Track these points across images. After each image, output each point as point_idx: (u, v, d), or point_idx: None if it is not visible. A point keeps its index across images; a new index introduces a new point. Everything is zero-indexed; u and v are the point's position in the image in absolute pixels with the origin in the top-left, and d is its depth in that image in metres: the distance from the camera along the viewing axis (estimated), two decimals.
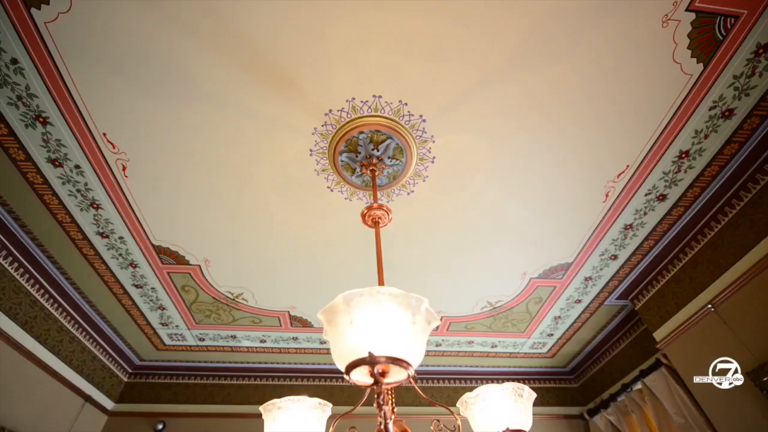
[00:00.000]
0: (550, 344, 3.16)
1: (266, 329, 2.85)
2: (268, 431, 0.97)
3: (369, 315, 0.63)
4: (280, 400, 0.97)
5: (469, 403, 0.96)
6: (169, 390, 3.24)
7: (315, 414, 0.99)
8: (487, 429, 0.89)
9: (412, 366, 0.65)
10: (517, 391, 0.91)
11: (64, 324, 2.59)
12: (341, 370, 0.67)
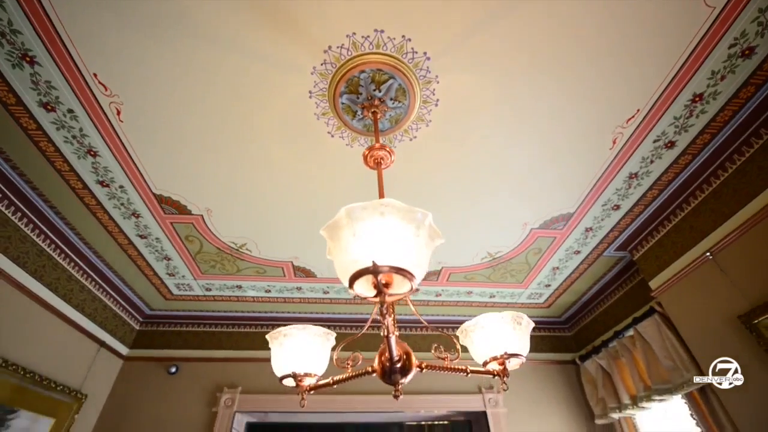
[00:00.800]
0: (546, 295, 3.25)
1: (270, 279, 2.92)
2: (274, 357, 1.01)
3: (372, 227, 0.63)
4: (285, 328, 1.01)
5: (469, 331, 0.99)
6: (179, 337, 3.38)
7: (319, 341, 1.03)
8: (486, 354, 0.93)
9: (415, 278, 0.66)
10: (515, 319, 0.94)
11: (73, 273, 2.65)
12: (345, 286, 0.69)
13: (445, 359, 1.00)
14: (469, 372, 1.01)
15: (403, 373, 0.92)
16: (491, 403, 3.10)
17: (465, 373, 1.01)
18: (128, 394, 3.04)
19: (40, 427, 2.40)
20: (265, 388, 3.11)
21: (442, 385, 3.20)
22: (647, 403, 2.51)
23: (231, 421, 2.92)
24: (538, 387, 3.29)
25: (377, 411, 3.06)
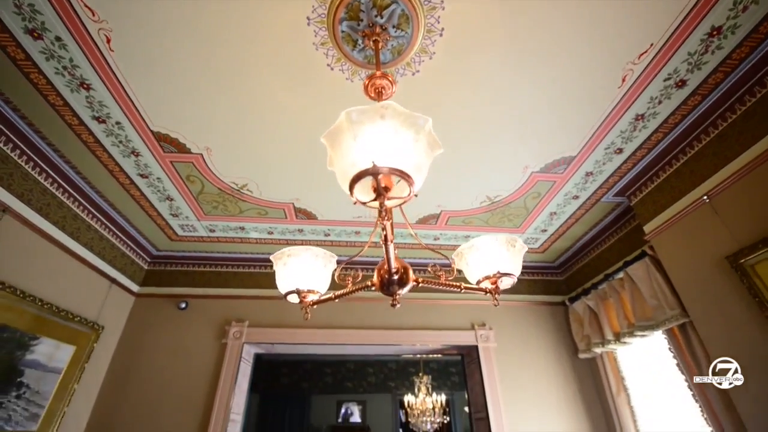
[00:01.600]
0: (542, 240, 3.33)
1: (272, 221, 2.98)
2: (279, 276, 1.06)
3: (372, 130, 0.64)
4: (289, 249, 1.06)
5: (464, 254, 1.04)
6: (187, 276, 3.52)
7: (321, 262, 1.08)
8: (480, 273, 0.98)
9: (414, 182, 0.68)
10: (509, 242, 0.98)
11: (78, 213, 2.69)
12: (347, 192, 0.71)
13: (441, 276, 1.06)
14: (463, 288, 1.07)
15: (400, 285, 0.98)
16: (483, 339, 3.31)
17: (459, 289, 1.08)
18: (142, 327, 3.23)
19: (63, 354, 2.58)
20: (270, 322, 3.30)
21: (438, 322, 3.40)
22: (629, 338, 2.68)
23: (240, 351, 3.13)
24: (528, 326, 3.49)
25: (377, 344, 3.27)
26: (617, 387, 2.87)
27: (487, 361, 3.21)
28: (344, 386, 8.26)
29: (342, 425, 7.81)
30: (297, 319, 3.34)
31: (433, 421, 5.61)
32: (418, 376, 6.14)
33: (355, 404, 8.13)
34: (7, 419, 2.19)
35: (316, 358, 8.12)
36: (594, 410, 3.11)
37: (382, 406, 8.12)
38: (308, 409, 7.98)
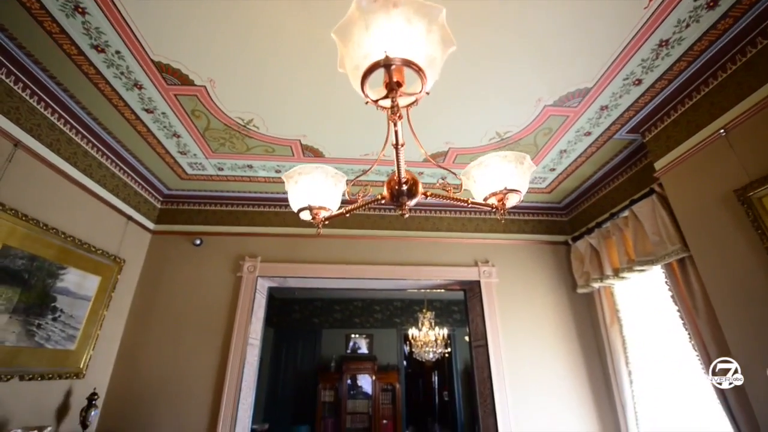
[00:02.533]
0: (550, 179, 3.31)
1: (280, 159, 2.98)
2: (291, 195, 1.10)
3: (384, 19, 0.62)
4: (300, 167, 1.08)
5: (472, 172, 1.05)
6: (199, 215, 3.62)
7: (332, 181, 1.11)
8: (486, 190, 1.00)
9: (427, 78, 0.68)
10: (518, 159, 0.99)
11: (88, 150, 2.71)
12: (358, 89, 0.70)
13: (449, 190, 1.09)
14: (470, 203, 1.10)
15: (409, 196, 1.01)
16: (485, 275, 3.44)
17: (466, 203, 1.11)
18: (161, 262, 3.40)
19: (90, 283, 2.75)
20: (281, 258, 3.45)
21: (443, 259, 3.52)
22: (628, 273, 2.77)
23: (254, 284, 3.31)
24: (529, 263, 3.60)
25: (384, 278, 3.42)
26: (611, 318, 3.03)
27: (488, 295, 3.37)
28: (352, 322, 8.80)
29: (351, 355, 8.45)
30: (307, 255, 3.49)
31: (434, 351, 6.04)
32: (421, 312, 6.50)
33: (363, 337, 8.72)
34: (47, 338, 2.41)
35: (326, 296, 8.56)
36: (587, 339, 3.31)
37: (388, 339, 8.70)
38: (319, 341, 8.59)
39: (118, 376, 2.97)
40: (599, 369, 3.20)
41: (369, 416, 7.72)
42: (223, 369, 3.00)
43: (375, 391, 7.91)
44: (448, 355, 9.39)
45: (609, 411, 3.05)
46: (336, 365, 8.21)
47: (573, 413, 3.06)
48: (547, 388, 3.12)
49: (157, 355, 3.06)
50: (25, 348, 2.25)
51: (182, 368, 3.02)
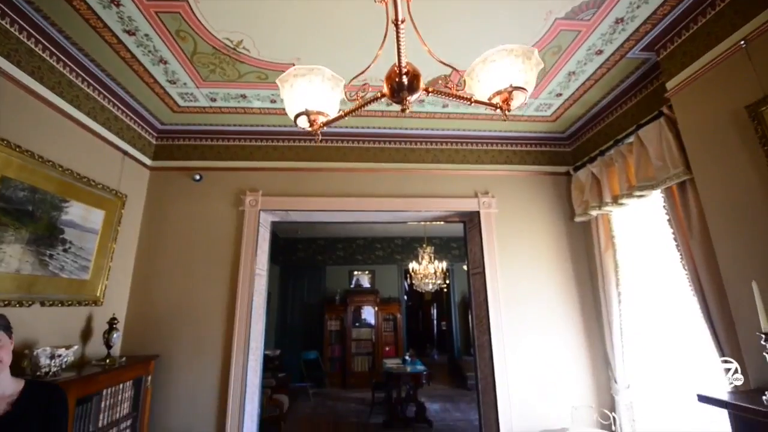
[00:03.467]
0: (555, 106, 3.20)
1: (274, 87, 2.84)
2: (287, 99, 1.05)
3: None
4: (294, 68, 1.03)
5: (476, 69, 1.00)
6: (196, 150, 3.56)
7: (329, 84, 1.06)
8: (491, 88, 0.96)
9: None
10: (525, 54, 0.93)
11: (73, 80, 2.58)
12: None
13: (451, 87, 1.05)
14: (473, 101, 1.07)
15: (410, 91, 0.97)
16: (485, 206, 3.48)
17: (469, 101, 1.08)
18: (163, 198, 3.41)
19: (95, 217, 2.79)
20: (282, 191, 3.46)
21: (444, 190, 3.53)
22: (627, 200, 2.79)
23: (257, 217, 3.36)
24: (529, 194, 3.61)
25: (385, 210, 3.46)
26: (606, 244, 3.11)
27: (487, 225, 3.44)
28: (355, 259, 9.10)
29: (354, 289, 8.88)
30: (307, 189, 3.49)
31: (434, 283, 6.32)
32: (421, 247, 6.69)
33: (365, 273, 9.08)
34: (61, 268, 2.50)
35: (329, 234, 8.76)
36: (580, 266, 3.44)
37: (389, 274, 9.08)
38: (324, 277, 8.98)
39: (134, 305, 3.14)
40: (590, 292, 3.36)
41: (372, 343, 8.31)
42: (233, 297, 3.16)
43: (377, 321, 8.43)
44: (447, 289, 9.86)
45: (596, 329, 3.26)
46: (340, 298, 8.66)
47: (562, 331, 3.28)
48: (540, 309, 3.31)
49: (168, 286, 3.20)
50: (41, 277, 2.34)
51: (194, 297, 3.17)
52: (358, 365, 8.12)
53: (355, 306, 8.49)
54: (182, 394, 2.97)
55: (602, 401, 3.08)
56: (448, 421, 5.58)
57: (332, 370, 8.18)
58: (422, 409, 5.51)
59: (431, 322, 13.60)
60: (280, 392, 5.52)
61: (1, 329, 1.36)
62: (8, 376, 1.38)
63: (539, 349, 3.22)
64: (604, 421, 2.90)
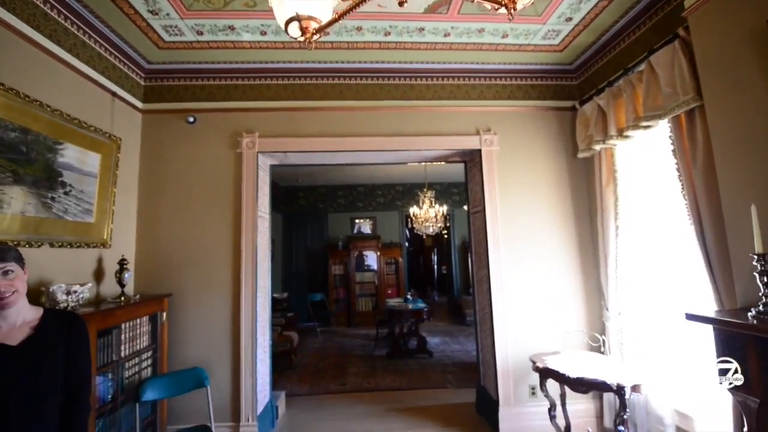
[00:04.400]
0: (564, 32, 3.00)
1: (263, 15, 2.66)
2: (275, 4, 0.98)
3: None
4: None
5: None
6: (188, 91, 3.42)
7: None
8: None
9: None
10: None
11: (48, 12, 2.41)
12: None
13: None
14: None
15: None
16: (486, 143, 3.41)
17: None
18: (158, 141, 3.35)
19: (91, 160, 2.76)
20: (279, 132, 3.38)
21: (445, 128, 3.45)
22: (633, 131, 2.72)
23: (255, 159, 3.32)
24: (532, 131, 3.53)
25: (386, 150, 3.40)
26: (607, 178, 3.09)
27: (489, 163, 3.40)
28: (356, 206, 9.16)
29: (356, 235, 9.04)
30: (305, 129, 3.41)
31: (434, 226, 6.41)
32: (422, 191, 6.69)
33: (367, 220, 9.19)
34: (64, 211, 2.52)
35: (330, 182, 8.74)
36: (580, 202, 3.45)
37: (391, 220, 9.19)
38: (326, 224, 9.11)
39: (142, 247, 3.21)
40: (588, 227, 3.41)
41: (375, 285, 8.65)
42: (237, 238, 3.23)
43: (380, 265, 8.70)
44: (447, 235, 10.04)
45: (592, 262, 3.35)
46: (343, 244, 8.86)
47: (558, 265, 3.38)
48: (538, 244, 3.38)
49: (173, 228, 3.25)
50: (46, 219, 2.37)
51: (200, 238, 3.24)
52: (362, 306, 8.51)
53: (357, 251, 8.70)
54: (197, 329, 3.15)
55: (594, 328, 3.25)
56: (447, 352, 5.97)
57: (338, 310, 8.61)
58: (423, 341, 5.87)
59: (432, 266, 14.03)
60: (290, 330, 5.85)
61: (14, 260, 1.40)
62: (27, 303, 1.44)
63: (535, 282, 3.34)
64: (593, 344, 3.08)
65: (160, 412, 2.89)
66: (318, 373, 5.10)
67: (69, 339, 1.44)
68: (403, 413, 3.64)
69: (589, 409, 3.20)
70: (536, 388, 3.09)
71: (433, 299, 11.99)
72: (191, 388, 2.66)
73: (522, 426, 3.13)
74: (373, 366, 5.33)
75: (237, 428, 3.04)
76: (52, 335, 1.41)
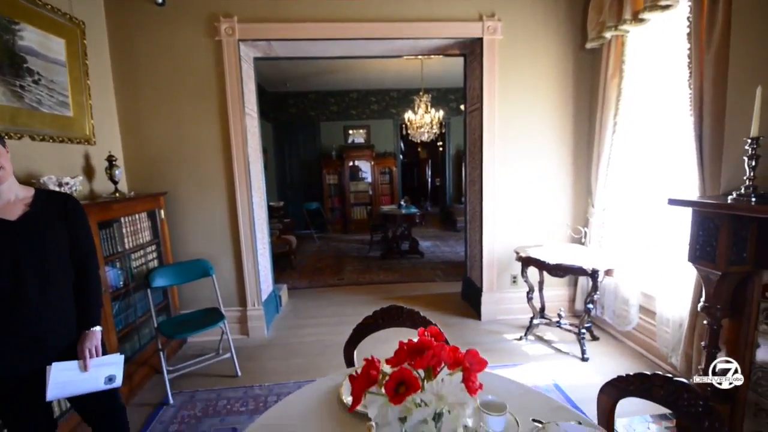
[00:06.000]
0: None
1: None
2: None
3: None
4: None
5: None
6: None
7: None
8: None
9: None
10: None
11: None
12: None
13: None
14: None
15: None
16: (489, 31, 3.13)
17: None
18: (125, 26, 3.02)
19: (55, 45, 2.51)
20: (262, 17, 3.05)
21: (444, 13, 3.13)
22: (650, 13, 2.48)
23: (237, 49, 3.05)
24: (540, 17, 3.22)
25: (379, 38, 3.12)
26: (614, 70, 2.93)
27: (490, 54, 3.17)
28: (349, 114, 8.81)
29: (350, 145, 8.87)
30: (290, 13, 3.07)
31: (429, 132, 6.26)
32: (418, 95, 6.38)
33: (360, 131, 8.92)
34: (38, 102, 2.37)
35: (320, 87, 8.24)
36: (581, 99, 3.32)
37: (385, 129, 8.94)
38: (318, 133, 8.85)
39: (129, 145, 3.12)
40: (586, 125, 3.34)
41: (369, 196, 8.78)
42: (226, 136, 3.13)
43: (374, 175, 8.72)
44: (442, 147, 9.89)
45: (585, 160, 3.37)
46: (337, 154, 8.74)
47: (552, 164, 3.38)
48: (533, 143, 3.34)
49: (158, 126, 3.12)
50: (20, 109, 2.24)
51: (188, 135, 3.13)
52: (357, 215, 8.76)
53: (351, 161, 8.63)
54: (196, 226, 3.24)
55: (578, 223, 3.40)
56: (438, 253, 6.34)
57: (333, 218, 8.87)
58: (415, 243, 6.19)
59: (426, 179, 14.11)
60: (288, 234, 6.08)
61: None
62: (16, 182, 1.43)
63: (527, 180, 3.38)
64: (576, 235, 3.27)
65: (172, 298, 3.14)
66: (317, 272, 5.46)
67: (66, 215, 1.45)
68: (395, 301, 3.99)
69: (563, 295, 3.53)
70: (517, 277, 3.36)
71: (426, 209, 12.32)
72: (198, 276, 2.85)
73: (502, 308, 3.48)
74: (368, 265, 5.69)
75: (245, 312, 3.34)
76: (48, 211, 1.42)
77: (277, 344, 3.23)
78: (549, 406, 1.12)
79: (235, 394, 2.51)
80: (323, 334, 3.35)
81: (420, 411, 0.68)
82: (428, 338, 0.80)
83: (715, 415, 0.87)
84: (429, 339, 0.79)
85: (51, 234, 1.39)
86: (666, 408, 1.00)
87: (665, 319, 2.51)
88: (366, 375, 0.70)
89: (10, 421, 1.44)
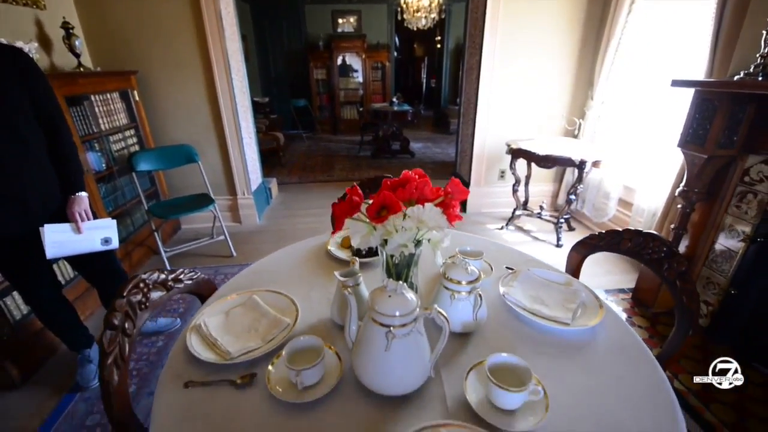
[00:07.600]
0: None
1: None
2: None
3: None
4: None
5: None
6: None
7: None
8: None
9: None
10: None
11: None
12: None
13: None
14: None
15: None
16: None
17: None
18: None
19: None
20: None
21: None
22: None
23: None
24: None
25: None
26: None
27: None
28: None
29: (339, 34, 8.04)
30: None
31: (427, 17, 5.65)
32: None
33: (351, 17, 7.99)
34: None
35: None
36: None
37: (378, 16, 8.03)
38: (303, 20, 7.91)
39: (87, 15, 2.75)
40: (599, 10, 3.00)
41: (360, 95, 8.29)
42: (197, 9, 2.76)
43: (365, 70, 8.11)
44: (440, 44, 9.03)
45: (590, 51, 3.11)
46: (325, 44, 7.97)
47: (554, 55, 3.12)
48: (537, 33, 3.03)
49: None
50: None
51: (155, 11, 2.75)
52: (347, 114, 8.38)
53: (340, 53, 7.92)
54: (176, 110, 3.05)
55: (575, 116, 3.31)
56: (429, 154, 6.28)
57: (322, 117, 8.50)
58: (406, 142, 6.07)
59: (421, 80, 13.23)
60: (275, 131, 5.86)
61: None
62: None
63: (527, 71, 3.17)
64: (569, 127, 3.21)
65: (160, 184, 3.12)
66: (306, 169, 5.42)
67: (21, 74, 1.32)
68: None
69: (547, 191, 3.62)
70: (505, 172, 3.38)
71: (420, 111, 11.83)
72: (183, 162, 2.78)
73: (487, 202, 3.58)
74: (358, 164, 5.65)
75: (235, 200, 3.38)
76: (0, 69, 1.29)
77: (269, 230, 3.35)
78: (522, 259, 1.21)
79: (232, 270, 2.68)
80: (314, 223, 3.46)
81: (400, 234, 0.71)
82: (411, 174, 0.80)
83: (676, 257, 0.94)
84: (412, 175, 0.80)
85: (10, 97, 1.28)
86: (631, 257, 1.08)
87: (641, 209, 2.62)
88: (349, 200, 0.71)
89: (18, 282, 1.52)
